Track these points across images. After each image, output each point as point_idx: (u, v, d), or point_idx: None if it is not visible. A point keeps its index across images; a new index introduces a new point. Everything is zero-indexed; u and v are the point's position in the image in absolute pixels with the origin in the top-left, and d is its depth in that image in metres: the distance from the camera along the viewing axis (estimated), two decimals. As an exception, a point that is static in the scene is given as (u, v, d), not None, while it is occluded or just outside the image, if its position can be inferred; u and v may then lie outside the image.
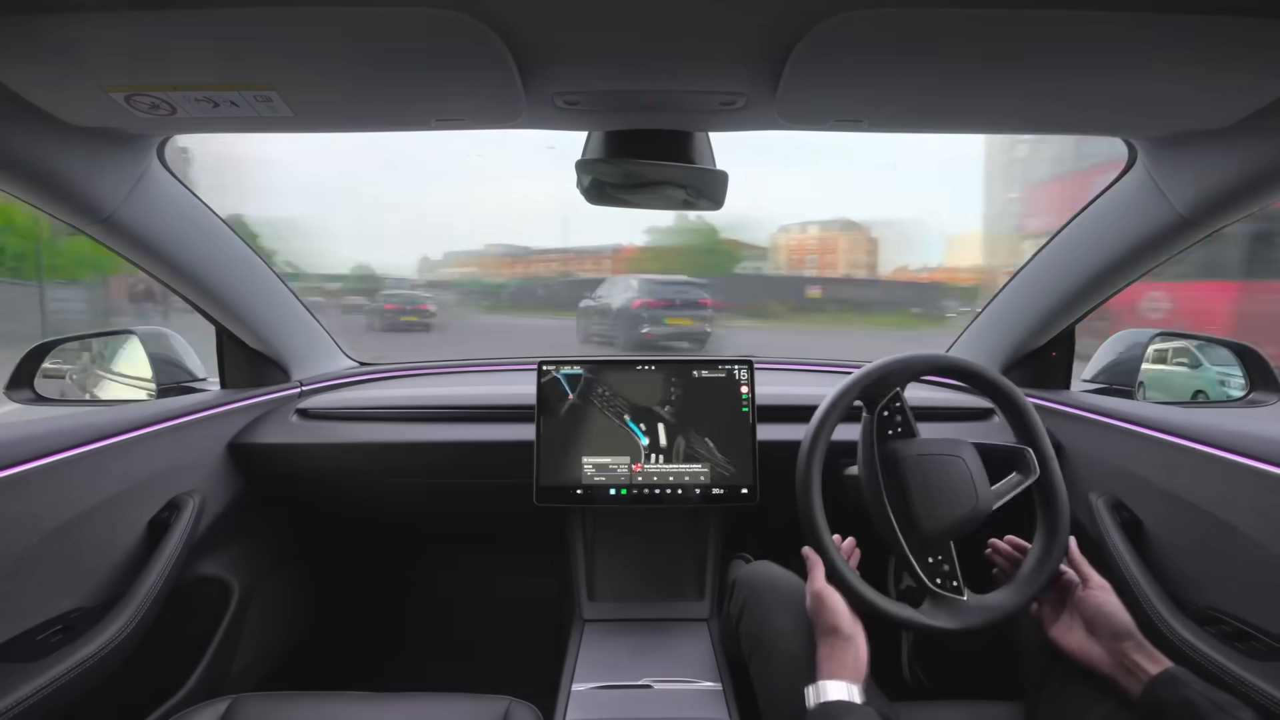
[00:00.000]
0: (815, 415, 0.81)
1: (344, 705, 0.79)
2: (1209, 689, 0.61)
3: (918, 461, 0.79)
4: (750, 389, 1.10)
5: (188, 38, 0.55)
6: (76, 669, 0.71)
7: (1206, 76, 0.60)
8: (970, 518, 0.76)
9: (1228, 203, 0.78)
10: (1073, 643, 0.71)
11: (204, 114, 0.68)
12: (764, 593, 0.87)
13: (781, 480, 0.89)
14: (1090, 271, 1.01)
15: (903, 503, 0.77)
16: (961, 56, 0.58)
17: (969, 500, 0.76)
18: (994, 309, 1.24)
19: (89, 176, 0.78)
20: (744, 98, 0.69)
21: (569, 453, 1.08)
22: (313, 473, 1.19)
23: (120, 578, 0.85)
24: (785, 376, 1.42)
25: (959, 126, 0.77)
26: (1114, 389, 1.15)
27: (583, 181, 0.84)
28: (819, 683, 0.65)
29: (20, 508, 0.72)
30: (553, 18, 0.55)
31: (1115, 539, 0.87)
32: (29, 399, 1.06)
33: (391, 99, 0.69)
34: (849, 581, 0.73)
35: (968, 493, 0.77)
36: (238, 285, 1.09)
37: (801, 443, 0.80)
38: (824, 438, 0.79)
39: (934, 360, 0.85)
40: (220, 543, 1.08)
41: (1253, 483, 0.73)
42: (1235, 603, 0.75)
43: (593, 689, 0.91)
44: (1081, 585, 0.73)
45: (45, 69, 0.60)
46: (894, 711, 0.76)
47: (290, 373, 1.27)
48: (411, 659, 1.54)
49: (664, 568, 1.17)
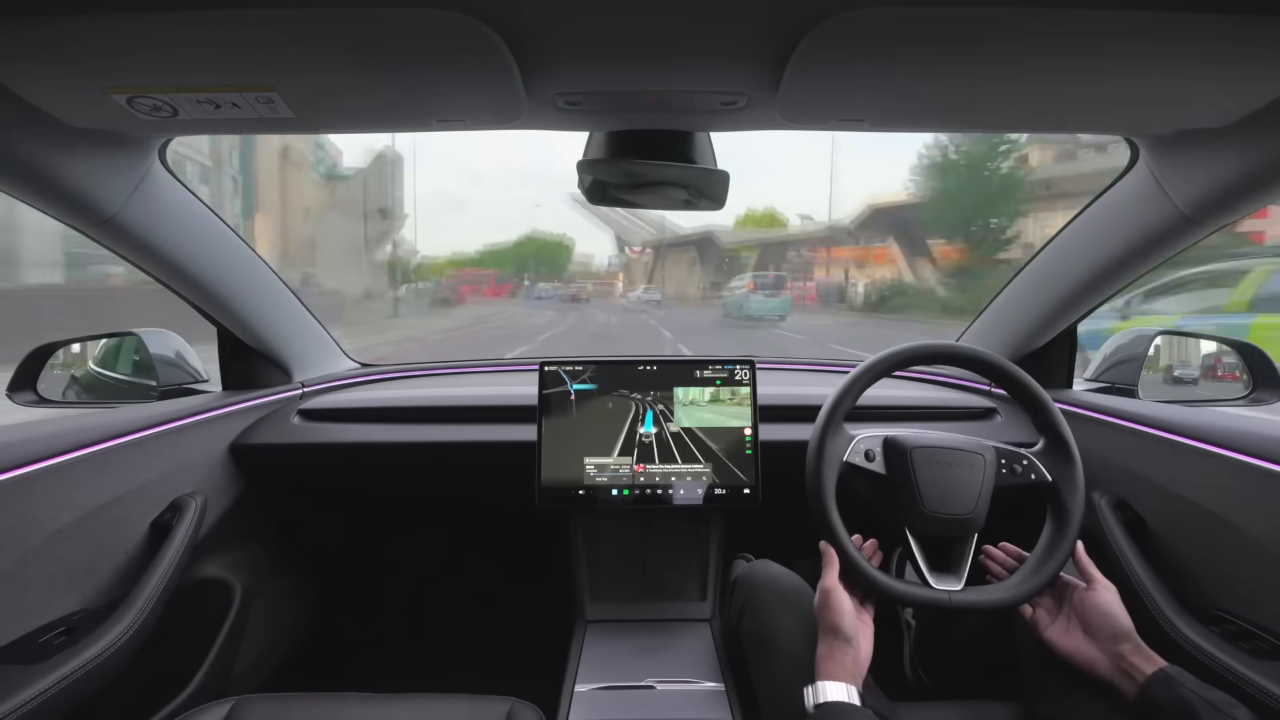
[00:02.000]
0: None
1: (347, 706, 0.79)
2: (1204, 688, 0.61)
3: (927, 453, 0.78)
4: (752, 388, 1.10)
5: (189, 39, 0.55)
6: (79, 671, 0.71)
7: (1208, 75, 0.60)
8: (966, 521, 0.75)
9: (1230, 201, 0.78)
10: (1070, 646, 0.71)
11: (205, 115, 0.68)
12: (765, 593, 0.87)
13: (783, 480, 0.89)
14: (1092, 270, 1.01)
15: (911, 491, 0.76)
16: (963, 56, 0.58)
17: (966, 507, 0.76)
18: (996, 307, 1.24)
19: (90, 178, 0.78)
20: (745, 97, 0.69)
21: (571, 453, 1.08)
22: (315, 474, 1.20)
23: (123, 579, 0.86)
24: (787, 376, 1.42)
25: (960, 126, 0.77)
26: (1116, 388, 1.15)
27: (584, 181, 0.84)
28: (817, 683, 0.65)
29: (23, 510, 0.72)
30: (554, 18, 0.55)
31: (1119, 538, 0.87)
32: (32, 401, 1.06)
33: (392, 99, 0.69)
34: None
35: (969, 500, 0.76)
36: (239, 287, 1.10)
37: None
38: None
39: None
40: (222, 544, 1.09)
41: (1256, 481, 0.73)
42: (1239, 602, 0.75)
43: (595, 689, 0.91)
44: (1085, 586, 0.73)
45: (47, 71, 0.60)
46: (894, 711, 0.75)
47: (291, 374, 1.27)
48: (414, 659, 1.54)
49: (666, 568, 1.17)
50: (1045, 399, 0.81)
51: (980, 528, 0.76)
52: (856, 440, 0.79)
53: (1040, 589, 0.74)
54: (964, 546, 0.77)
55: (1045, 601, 0.76)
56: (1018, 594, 0.73)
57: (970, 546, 0.77)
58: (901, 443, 0.78)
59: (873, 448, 0.79)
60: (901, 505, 0.76)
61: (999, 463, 0.79)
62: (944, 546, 0.77)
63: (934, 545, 0.77)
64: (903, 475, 0.76)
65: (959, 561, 0.76)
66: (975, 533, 0.77)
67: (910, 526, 0.76)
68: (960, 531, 0.76)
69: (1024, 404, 0.83)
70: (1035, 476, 0.79)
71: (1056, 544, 0.75)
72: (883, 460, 0.79)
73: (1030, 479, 0.79)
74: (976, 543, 0.78)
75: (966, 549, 0.77)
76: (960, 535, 0.77)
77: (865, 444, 0.79)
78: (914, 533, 0.76)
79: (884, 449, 0.79)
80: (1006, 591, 0.74)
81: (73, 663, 0.71)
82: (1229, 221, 0.82)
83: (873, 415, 1.11)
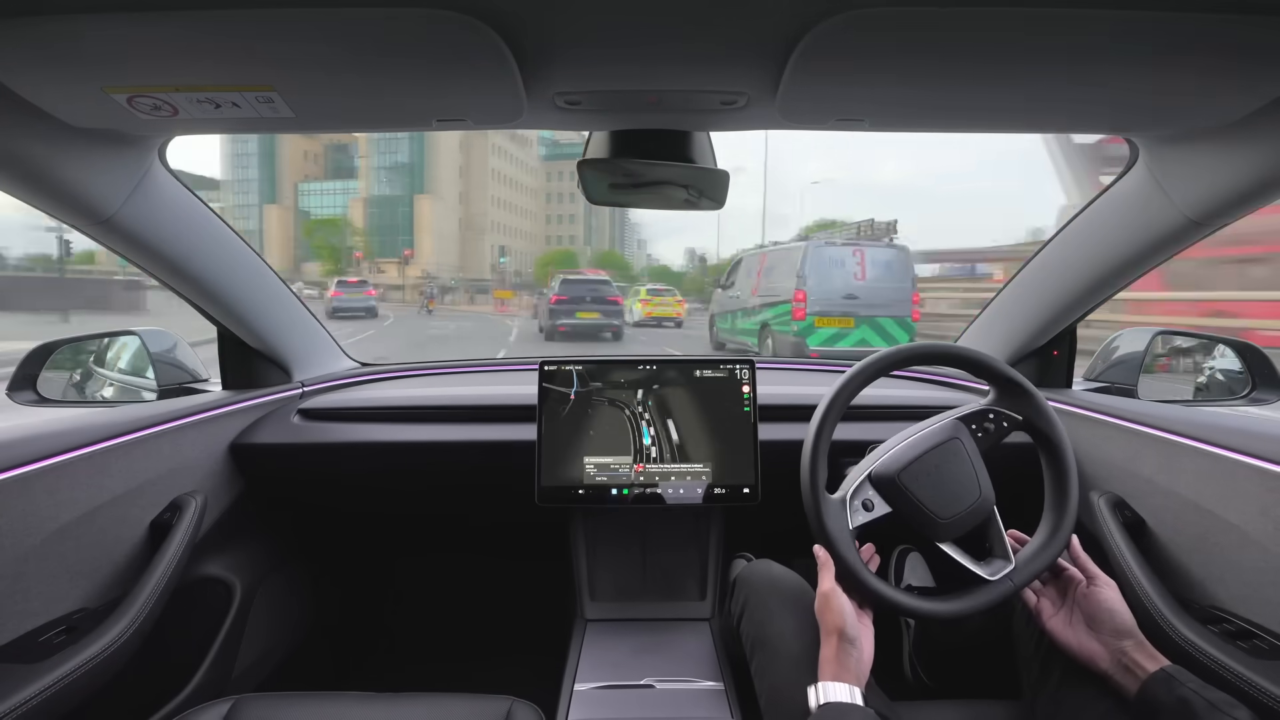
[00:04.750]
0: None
1: (346, 706, 0.79)
2: (1204, 688, 0.61)
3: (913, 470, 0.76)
4: (752, 388, 1.10)
5: (189, 39, 0.55)
6: (79, 670, 0.71)
7: (1207, 75, 0.60)
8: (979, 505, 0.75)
9: (1230, 201, 0.78)
10: (1072, 639, 0.71)
11: (205, 115, 0.68)
12: (765, 592, 0.87)
13: (783, 479, 0.89)
14: (1092, 270, 1.01)
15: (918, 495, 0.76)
16: (963, 55, 0.58)
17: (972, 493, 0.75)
18: (995, 307, 1.24)
19: (90, 178, 0.78)
20: (745, 97, 0.69)
21: (570, 453, 1.08)
22: (314, 473, 1.20)
23: (123, 579, 0.86)
24: (786, 376, 1.42)
25: (960, 126, 0.77)
26: (1115, 388, 1.15)
27: (584, 181, 0.84)
28: (822, 684, 0.65)
29: (23, 509, 0.72)
30: (554, 18, 0.55)
31: (1117, 538, 0.87)
32: (32, 400, 1.06)
33: (392, 99, 0.69)
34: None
35: (970, 484, 0.76)
36: (239, 286, 1.10)
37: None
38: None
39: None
40: (222, 543, 1.09)
41: (1255, 481, 0.73)
42: (1238, 602, 0.75)
43: (594, 689, 0.91)
44: (1086, 582, 0.73)
45: (47, 70, 0.60)
46: (894, 711, 0.76)
47: (291, 373, 1.27)
48: (413, 659, 1.54)
49: (665, 567, 1.17)
50: (982, 358, 0.81)
51: (994, 501, 0.76)
52: (849, 498, 0.77)
53: (1031, 579, 0.74)
54: (992, 525, 0.77)
55: (1049, 592, 0.76)
56: (1044, 559, 0.74)
57: (998, 522, 0.77)
58: (886, 474, 0.76)
59: (867, 496, 0.77)
60: (919, 526, 0.76)
61: (972, 431, 0.79)
62: (977, 535, 0.77)
63: (968, 540, 0.76)
64: (904, 503, 0.75)
65: (997, 541, 0.76)
66: (993, 508, 0.76)
67: (938, 539, 0.75)
68: (980, 516, 0.76)
69: (975, 373, 0.84)
70: (1006, 423, 0.80)
71: (1053, 533, 0.76)
72: (880, 500, 0.77)
73: (1004, 426, 0.80)
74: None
75: (995, 526, 0.77)
76: (983, 519, 0.76)
77: (859, 497, 0.77)
78: (944, 541, 0.76)
79: (875, 488, 0.77)
80: (1024, 562, 0.74)
81: (73, 662, 0.71)
82: (1229, 221, 0.82)
83: (868, 415, 1.12)
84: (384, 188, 59.14)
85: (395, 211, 57.49)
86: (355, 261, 45.63)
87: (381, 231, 57.32)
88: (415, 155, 57.15)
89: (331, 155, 66.93)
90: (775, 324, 7.33)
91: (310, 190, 65.69)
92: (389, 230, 57.22)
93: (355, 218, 57.21)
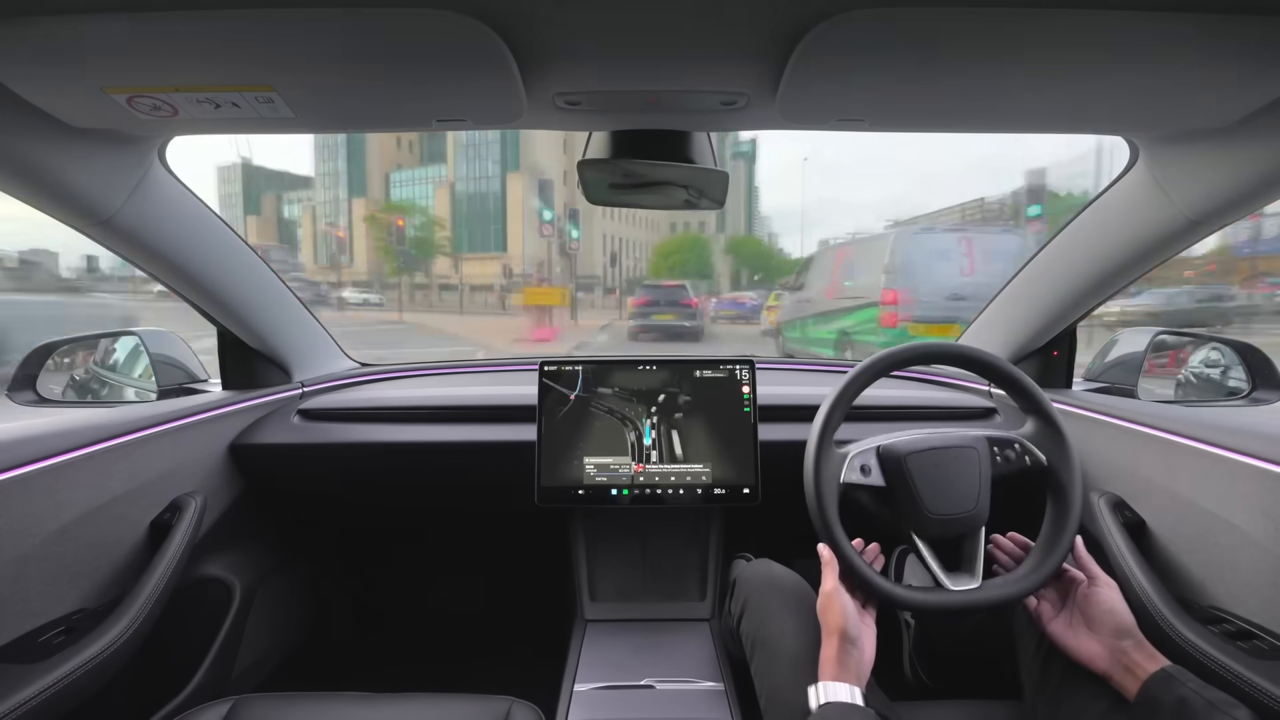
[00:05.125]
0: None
1: (346, 706, 0.79)
2: (1204, 687, 0.61)
3: (921, 457, 0.77)
4: (752, 389, 1.10)
5: (189, 39, 0.55)
6: (79, 670, 0.71)
7: (1207, 75, 0.60)
8: (970, 517, 0.75)
9: (1230, 201, 0.78)
10: (1072, 640, 0.71)
11: (205, 115, 0.68)
12: (765, 592, 0.87)
13: (783, 480, 0.89)
14: (1092, 270, 1.01)
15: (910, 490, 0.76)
16: (962, 56, 0.58)
17: (968, 503, 0.75)
18: (995, 308, 1.24)
19: (90, 178, 0.78)
20: (745, 97, 0.69)
21: (570, 453, 1.08)
22: (314, 473, 1.20)
23: (122, 579, 0.86)
24: (786, 376, 1.42)
25: (960, 126, 0.77)
26: (1115, 388, 1.15)
27: (584, 181, 0.84)
28: (822, 684, 0.65)
29: (23, 509, 0.72)
30: (554, 18, 0.55)
31: (1117, 539, 0.87)
32: (32, 401, 1.06)
33: (392, 99, 0.69)
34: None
35: (970, 495, 0.75)
36: (239, 286, 1.10)
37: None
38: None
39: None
40: (222, 544, 1.09)
41: (1255, 481, 0.73)
42: (1238, 602, 0.75)
43: (594, 689, 0.91)
44: (1087, 582, 0.73)
45: (47, 71, 0.60)
46: (894, 711, 0.75)
47: (291, 373, 1.27)
48: (413, 659, 1.54)
49: (665, 568, 1.17)
50: (1029, 383, 0.81)
51: (985, 521, 0.76)
52: (850, 457, 0.77)
53: (1048, 577, 0.73)
54: (974, 543, 0.76)
55: (1049, 594, 0.76)
56: (1026, 585, 0.73)
57: (980, 542, 0.76)
58: (895, 450, 0.77)
59: (868, 462, 0.78)
60: (904, 512, 0.76)
61: (992, 452, 0.78)
62: (954, 545, 0.77)
63: (944, 546, 0.76)
64: (901, 483, 0.75)
65: (971, 559, 0.75)
66: (982, 527, 0.76)
67: (916, 531, 0.75)
68: (966, 528, 0.76)
69: (1009, 390, 0.83)
70: (1030, 460, 0.79)
71: (1059, 526, 0.75)
72: (879, 472, 0.78)
73: (1025, 463, 0.79)
74: (986, 535, 0.77)
75: (976, 545, 0.76)
76: (967, 532, 0.76)
77: (860, 459, 0.78)
78: (921, 536, 0.75)
79: (879, 460, 0.78)
80: (1015, 584, 0.73)
81: (72, 662, 0.71)
82: (1229, 222, 0.82)
83: (871, 415, 1.12)
84: (472, 169, 48.02)
85: (485, 200, 47.38)
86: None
87: (470, 221, 47.65)
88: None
89: (426, 139, 53.04)
90: (857, 332, 5.84)
91: (400, 181, 53.67)
92: (479, 219, 47.45)
93: (440, 206, 47.95)
